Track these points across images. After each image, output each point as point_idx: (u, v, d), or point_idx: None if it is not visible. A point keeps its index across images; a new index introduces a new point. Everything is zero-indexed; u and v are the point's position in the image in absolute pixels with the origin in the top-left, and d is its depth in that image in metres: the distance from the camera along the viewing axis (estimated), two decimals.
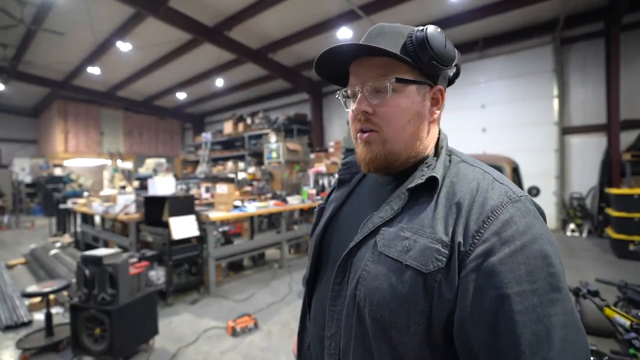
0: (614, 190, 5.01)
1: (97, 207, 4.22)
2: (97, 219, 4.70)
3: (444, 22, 6.72)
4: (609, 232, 5.10)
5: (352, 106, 0.60)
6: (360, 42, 0.57)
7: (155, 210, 3.76)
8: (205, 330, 2.82)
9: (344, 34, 6.77)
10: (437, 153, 0.60)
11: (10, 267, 4.74)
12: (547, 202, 6.63)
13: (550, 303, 0.44)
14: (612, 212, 4.93)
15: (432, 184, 0.55)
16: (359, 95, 0.59)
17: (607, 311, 2.08)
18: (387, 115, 0.57)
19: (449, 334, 0.49)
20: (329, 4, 6.28)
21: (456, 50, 0.58)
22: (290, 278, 4.16)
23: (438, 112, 0.61)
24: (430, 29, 0.55)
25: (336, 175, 0.78)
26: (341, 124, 10.32)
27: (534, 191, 3.88)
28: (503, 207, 0.49)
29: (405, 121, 0.57)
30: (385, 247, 0.54)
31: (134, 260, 2.77)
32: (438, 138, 0.63)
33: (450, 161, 0.59)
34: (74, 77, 10.24)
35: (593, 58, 6.47)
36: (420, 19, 6.78)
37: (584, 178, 6.59)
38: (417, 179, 0.55)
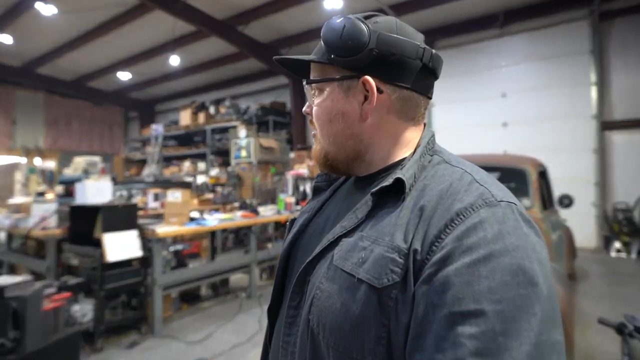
0: None
1: (2, 220, 4.13)
2: (2, 236, 4.56)
3: None
4: None
5: None
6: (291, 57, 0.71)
7: (84, 224, 3.71)
8: None
9: (333, 3, 6.81)
10: (414, 154, 0.66)
11: None
12: (584, 214, 6.78)
13: (516, 332, 0.43)
14: None
15: (400, 187, 0.59)
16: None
17: None
18: (315, 115, 0.70)
19: None
20: None
21: (368, 32, 0.62)
22: (261, 311, 4.12)
23: (369, 106, 0.64)
24: (329, 22, 0.65)
25: (312, 182, 0.84)
26: None
27: (567, 200, 3.94)
28: (473, 210, 0.51)
29: (326, 120, 0.68)
30: (341, 260, 0.57)
31: (51, 290, 2.64)
32: (420, 138, 0.69)
33: (430, 162, 0.64)
34: None
35: (639, 37, 6.67)
36: None
37: (631, 184, 6.76)
38: (384, 181, 0.61)
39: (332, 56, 0.64)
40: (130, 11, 7.99)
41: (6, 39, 8.59)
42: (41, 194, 5.33)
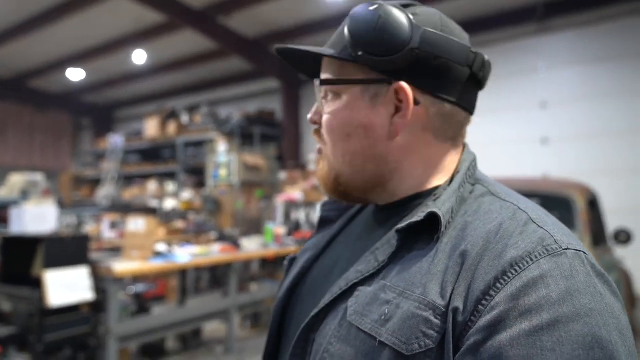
0: None
1: None
2: None
3: None
4: None
5: None
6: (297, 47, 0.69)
7: (20, 258, 3.73)
8: None
9: (358, 8, 6.97)
10: (452, 182, 0.65)
11: None
12: None
13: None
14: None
15: (434, 224, 0.58)
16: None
17: None
18: (326, 126, 0.68)
19: None
20: None
21: (411, 27, 0.61)
22: None
23: (401, 120, 0.63)
24: (357, 7, 0.63)
25: (318, 211, 0.87)
26: None
27: (623, 236, 3.96)
28: (532, 259, 0.49)
29: (342, 134, 0.66)
30: (358, 315, 0.56)
31: None
32: (459, 162, 0.69)
33: (472, 193, 0.64)
34: None
35: None
36: None
37: None
38: (414, 217, 0.59)
39: (360, 53, 0.62)
40: None
41: None
42: None
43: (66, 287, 3.42)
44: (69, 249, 3.60)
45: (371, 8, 0.62)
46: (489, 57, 0.67)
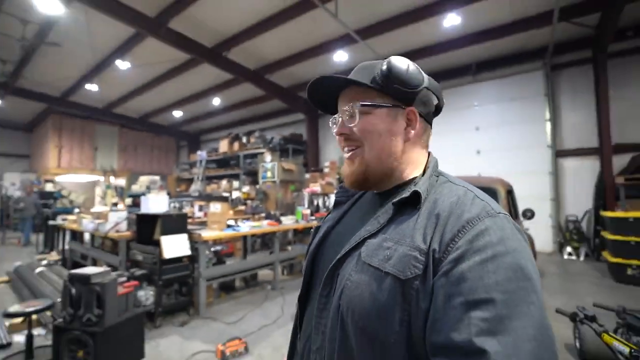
0: (609, 214, 5.09)
1: (87, 224, 4.19)
2: (87, 237, 4.65)
3: (437, 47, 7.01)
4: (606, 255, 5.14)
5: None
6: (336, 75, 0.66)
7: (146, 228, 3.75)
8: (193, 354, 2.75)
9: (340, 57, 7.02)
10: (424, 174, 0.65)
11: None
12: (543, 225, 6.69)
13: (519, 316, 0.43)
14: (608, 235, 5.00)
15: (416, 198, 0.59)
16: (339, 120, 0.68)
17: (606, 337, 2.06)
18: (362, 129, 0.64)
19: None
20: (326, 28, 6.54)
21: (425, 76, 0.65)
22: (283, 300, 4.10)
23: (413, 131, 0.64)
24: (393, 58, 0.62)
25: (333, 197, 0.86)
26: (337, 144, 10.45)
27: (529, 213, 3.91)
28: (479, 219, 0.52)
29: (376, 134, 0.64)
30: (368, 257, 0.56)
31: (123, 279, 2.72)
32: (428, 161, 0.68)
33: (437, 181, 0.63)
34: (71, 93, 10.37)
35: (583, 83, 6.73)
36: (415, 43, 7.06)
37: (579, 201, 6.69)
38: (403, 193, 0.60)
39: (395, 86, 0.62)
40: (184, 64, 8.29)
41: (93, 87, 9.04)
42: (115, 204, 5.50)
43: (174, 246, 3.46)
44: (175, 223, 3.60)
45: (402, 59, 0.62)
46: (446, 97, 0.73)
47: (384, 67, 0.62)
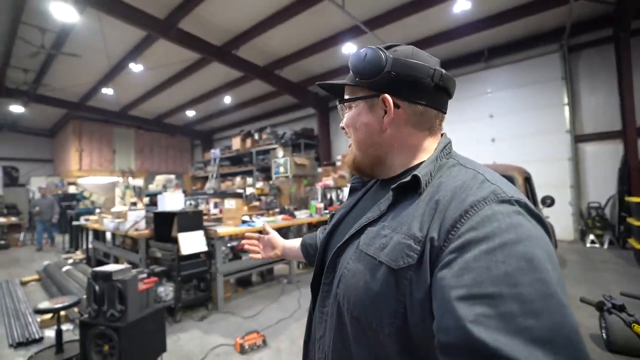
0: (635, 199, 4.86)
1: (108, 224, 4.30)
2: (108, 236, 4.79)
3: (447, 35, 6.82)
4: (633, 242, 4.92)
5: None
6: (325, 82, 0.71)
7: (164, 226, 3.81)
8: (213, 348, 2.81)
9: (349, 49, 6.92)
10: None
11: (24, 283, 4.85)
12: (563, 212, 6.47)
13: (533, 314, 0.37)
14: (634, 222, 4.78)
15: (416, 183, 0.55)
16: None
17: (637, 328, 1.97)
18: (346, 124, 0.68)
19: (431, 341, 0.44)
20: (334, 21, 6.45)
21: (388, 58, 0.59)
22: (299, 293, 4.12)
23: (387, 118, 0.61)
24: (354, 51, 0.65)
25: (346, 190, 0.85)
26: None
27: (548, 200, 3.79)
28: (486, 202, 0.46)
29: (353, 129, 0.66)
30: (365, 245, 0.55)
31: (143, 276, 2.78)
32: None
33: (446, 164, 0.59)
34: (88, 98, 10.65)
35: (602, 64, 6.43)
36: (424, 32, 6.89)
37: (602, 187, 6.42)
38: (404, 178, 0.57)
39: (357, 79, 0.63)
40: (194, 64, 8.38)
41: (109, 91, 9.26)
42: (134, 204, 5.63)
43: (191, 242, 3.50)
44: (191, 220, 3.64)
45: (362, 50, 0.63)
46: (457, 85, 0.66)
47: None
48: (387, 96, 0.60)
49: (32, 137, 14.16)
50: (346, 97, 0.68)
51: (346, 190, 6.31)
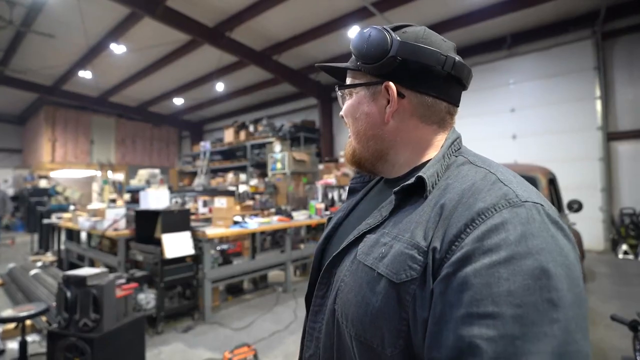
0: None
1: (83, 223, 4.28)
2: (83, 236, 4.76)
3: (466, 18, 6.77)
4: None
5: None
6: (323, 65, 0.72)
7: (146, 226, 3.79)
8: None
9: (356, 32, 6.86)
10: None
11: None
12: (592, 219, 6.43)
13: (535, 337, 0.38)
14: None
15: (421, 185, 0.54)
16: None
17: None
18: (344, 113, 0.67)
19: None
20: (339, 1, 6.40)
21: (395, 41, 0.58)
22: (296, 303, 4.11)
23: (390, 109, 0.61)
24: (357, 32, 0.63)
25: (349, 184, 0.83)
26: None
27: (575, 205, 3.75)
28: (495, 210, 0.45)
29: (352, 117, 0.66)
30: (364, 255, 0.54)
31: (122, 281, 2.76)
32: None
33: (455, 162, 0.58)
34: (64, 82, 10.60)
35: None
36: (440, 15, 6.84)
37: (637, 191, 6.40)
38: (408, 180, 0.56)
39: (359, 63, 0.62)
40: (183, 47, 8.34)
41: (87, 74, 9.20)
42: (113, 200, 5.61)
43: (176, 245, 3.48)
44: (177, 219, 3.62)
45: (365, 30, 0.61)
46: (474, 75, 0.64)
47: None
48: (391, 84, 0.59)
49: None
50: (347, 82, 0.67)
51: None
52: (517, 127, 7.49)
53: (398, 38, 0.58)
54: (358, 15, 6.71)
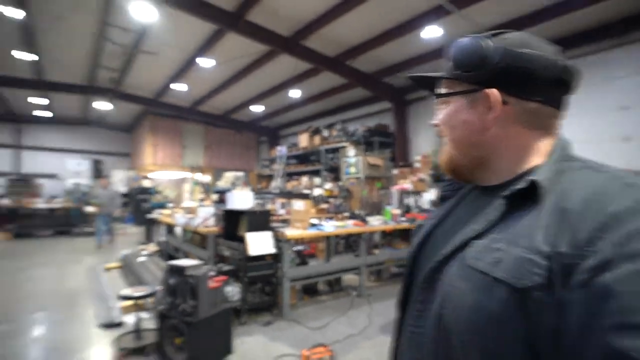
0: None
1: (179, 219, 4.81)
2: (178, 230, 5.35)
3: (561, 7, 6.05)
4: None
5: None
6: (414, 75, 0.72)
7: (231, 224, 4.09)
8: (278, 357, 2.93)
9: (431, 32, 6.62)
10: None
11: (108, 269, 5.73)
12: None
13: None
14: None
15: (534, 190, 0.53)
16: None
17: None
18: (442, 121, 0.68)
19: None
20: (411, 1, 6.23)
21: (498, 48, 0.59)
22: (370, 309, 4.09)
23: (491, 115, 0.60)
24: (456, 41, 0.64)
25: (425, 196, 0.86)
26: (429, 135, 9.93)
27: None
28: (632, 214, 0.43)
29: (449, 125, 0.66)
30: (474, 260, 0.53)
31: (213, 274, 3.04)
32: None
33: (568, 167, 0.56)
34: (162, 94, 12.11)
35: None
36: (529, 6, 6.23)
37: None
38: (518, 184, 0.55)
39: (457, 72, 0.62)
40: (262, 57, 8.85)
41: (182, 87, 10.40)
42: (201, 200, 6.23)
43: (259, 243, 3.70)
44: (260, 219, 3.85)
45: (462, 39, 0.62)
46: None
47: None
48: (494, 91, 0.59)
49: (113, 132, 16.80)
50: (443, 91, 0.67)
51: (426, 195, 6.07)
52: (630, 127, 6.42)
53: (499, 45, 0.59)
54: (433, 14, 6.43)
